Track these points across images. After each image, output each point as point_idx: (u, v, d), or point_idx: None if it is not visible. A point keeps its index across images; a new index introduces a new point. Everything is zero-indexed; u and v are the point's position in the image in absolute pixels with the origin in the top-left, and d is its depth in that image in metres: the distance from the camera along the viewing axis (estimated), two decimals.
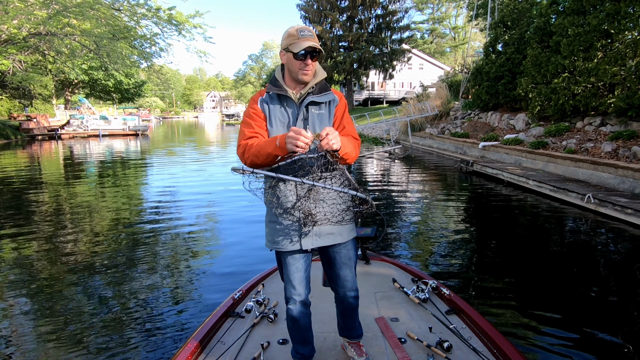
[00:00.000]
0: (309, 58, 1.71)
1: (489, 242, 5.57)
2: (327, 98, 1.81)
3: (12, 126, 26.30)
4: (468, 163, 11.34)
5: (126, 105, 47.14)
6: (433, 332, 2.28)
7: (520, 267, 4.60)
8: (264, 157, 1.64)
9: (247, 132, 1.76)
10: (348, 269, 1.94)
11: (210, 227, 6.38)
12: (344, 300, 1.98)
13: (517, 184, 8.99)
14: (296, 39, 1.69)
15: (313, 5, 34.69)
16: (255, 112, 1.79)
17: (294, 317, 1.91)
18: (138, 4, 19.90)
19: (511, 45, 15.08)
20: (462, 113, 18.44)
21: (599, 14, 10.50)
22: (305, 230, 1.78)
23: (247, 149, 1.69)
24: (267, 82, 1.92)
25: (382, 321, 2.38)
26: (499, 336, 2.12)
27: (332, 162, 1.63)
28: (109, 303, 3.76)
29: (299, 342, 1.97)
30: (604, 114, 10.66)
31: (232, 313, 2.53)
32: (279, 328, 2.36)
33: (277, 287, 2.85)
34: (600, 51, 10.49)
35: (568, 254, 5.07)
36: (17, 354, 2.96)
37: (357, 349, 2.04)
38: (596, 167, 8.31)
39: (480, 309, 3.33)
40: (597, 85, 10.55)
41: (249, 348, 2.16)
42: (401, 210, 7.27)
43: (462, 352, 2.08)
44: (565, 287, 3.99)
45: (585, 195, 6.83)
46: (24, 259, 4.90)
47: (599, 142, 9.53)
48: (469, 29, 56.01)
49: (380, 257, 3.42)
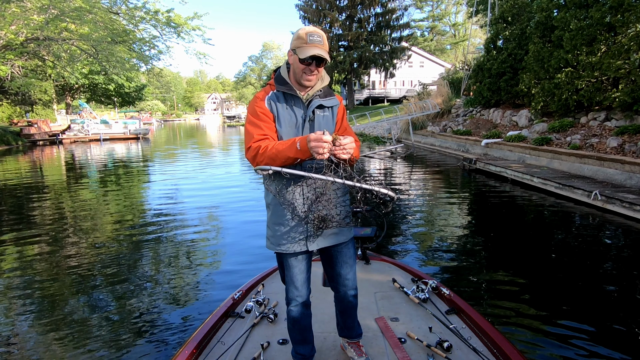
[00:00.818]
0: (315, 65, 1.70)
1: (490, 241, 5.48)
2: (332, 103, 1.84)
3: (13, 132, 26.31)
4: (471, 161, 11.19)
5: (127, 109, 47.17)
6: (433, 332, 2.27)
7: (522, 266, 4.52)
8: (282, 160, 1.58)
9: (256, 134, 1.69)
10: (349, 268, 1.94)
11: (209, 227, 6.38)
12: (344, 299, 1.98)
13: (522, 182, 8.84)
14: (304, 43, 1.66)
15: (312, 4, 34.55)
16: (262, 111, 1.73)
17: (295, 318, 1.91)
18: (136, 7, 19.84)
19: (512, 41, 14.91)
20: (464, 110, 18.28)
21: (602, 6, 10.32)
22: (312, 229, 1.74)
23: (261, 152, 1.62)
24: (268, 82, 1.87)
25: (382, 321, 2.38)
26: (499, 336, 2.11)
27: (342, 164, 1.62)
28: (110, 303, 3.76)
29: (299, 343, 1.96)
30: (609, 108, 10.49)
31: (232, 313, 2.52)
32: (279, 328, 2.35)
33: (277, 287, 2.85)
34: (603, 45, 10.31)
35: (574, 253, 4.93)
36: (19, 354, 2.97)
37: (356, 349, 2.03)
38: (602, 163, 8.14)
39: (480, 309, 3.32)
40: (601, 79, 10.38)
41: (249, 348, 2.15)
42: (402, 210, 7.18)
43: (462, 352, 2.07)
44: (570, 286, 3.92)
45: (592, 192, 6.67)
46: (27, 261, 4.90)
47: (604, 137, 9.36)
48: (469, 25, 55.81)
49: (380, 257, 3.40)
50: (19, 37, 15.07)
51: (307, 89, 1.78)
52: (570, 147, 9.53)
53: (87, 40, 17.35)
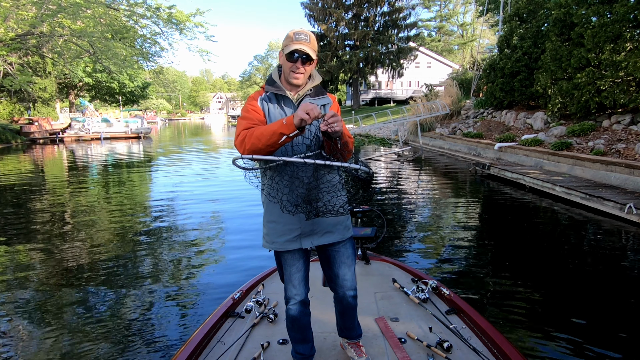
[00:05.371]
0: (300, 62, 1.73)
1: (497, 246, 5.35)
2: (324, 101, 1.85)
3: (12, 130, 25.87)
4: (484, 166, 10.48)
5: (131, 108, 46.85)
6: (433, 332, 2.26)
7: (528, 271, 4.43)
8: (267, 136, 1.57)
9: (246, 123, 1.72)
10: (347, 268, 1.92)
11: (209, 227, 6.38)
12: (343, 300, 1.96)
13: (541, 190, 8.12)
14: (291, 41, 1.72)
15: (317, 3, 33.94)
16: (254, 109, 1.78)
17: (294, 317, 1.91)
18: (136, 3, 19.34)
19: (527, 39, 14.16)
20: (474, 112, 17.54)
21: (627, 1, 9.59)
22: (305, 227, 1.79)
23: (249, 134, 1.63)
24: (261, 85, 1.92)
25: (382, 321, 2.38)
26: (499, 336, 2.10)
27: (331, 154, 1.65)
28: (109, 303, 3.77)
29: (298, 342, 1.96)
30: (634, 111, 9.74)
31: (232, 313, 2.52)
32: (279, 328, 2.34)
33: (277, 287, 2.83)
34: (629, 42, 9.57)
35: (595, 263, 4.56)
36: (19, 354, 2.97)
37: (356, 349, 2.02)
38: (632, 171, 7.41)
39: (480, 309, 3.28)
40: (626, 80, 9.64)
41: (249, 348, 2.15)
42: (408, 213, 7.09)
43: (462, 352, 2.06)
44: (583, 295, 3.84)
45: (626, 204, 5.96)
46: (26, 262, 4.89)
47: (631, 142, 8.63)
48: (477, 25, 54.89)
49: (380, 257, 3.39)
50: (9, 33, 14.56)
51: (297, 89, 1.81)
52: (594, 153, 8.80)
53: (82, 36, 16.81)
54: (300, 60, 1.72)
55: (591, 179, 8.19)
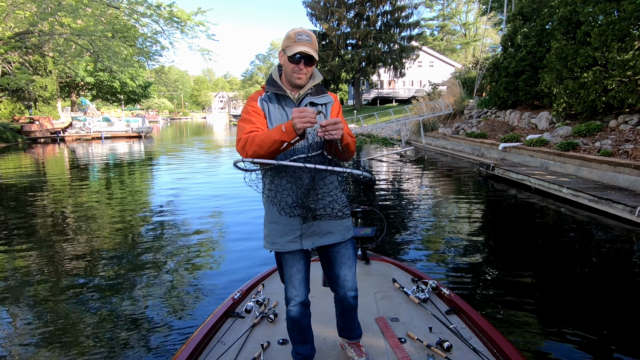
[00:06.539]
0: (303, 63, 1.72)
1: (499, 247, 5.31)
2: (325, 100, 1.84)
3: (13, 129, 25.81)
4: (488, 167, 10.30)
5: (133, 107, 46.81)
6: (433, 332, 2.25)
7: (531, 272, 4.36)
8: (269, 144, 1.57)
9: (247, 127, 1.70)
10: (347, 269, 1.92)
11: (210, 227, 6.36)
12: (344, 300, 1.95)
13: (547, 192, 7.94)
14: (293, 42, 1.71)
15: (319, 2, 33.77)
16: (254, 110, 1.77)
17: (295, 318, 1.91)
18: (137, 1, 19.21)
19: (531, 37, 13.96)
20: (478, 111, 17.35)
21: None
22: (306, 227, 1.78)
23: (250, 140, 1.63)
24: (262, 85, 1.91)
25: (382, 321, 2.37)
26: (499, 336, 2.10)
27: (332, 155, 1.64)
28: (109, 303, 3.75)
29: (299, 343, 1.96)
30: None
31: (232, 313, 2.52)
32: (279, 328, 2.34)
33: (277, 287, 2.83)
34: (637, 41, 9.38)
35: (599, 265, 4.52)
36: (19, 354, 2.96)
37: (356, 349, 2.02)
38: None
39: (480, 309, 3.28)
40: (633, 79, 9.44)
41: (249, 348, 2.15)
42: (409, 213, 6.93)
43: (462, 352, 2.06)
44: (587, 296, 3.81)
45: (636, 207, 5.78)
46: (25, 262, 4.86)
47: (639, 142, 8.44)
48: (480, 25, 54.59)
49: (380, 257, 3.38)
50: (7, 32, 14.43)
51: (298, 89, 1.80)
52: (601, 154, 8.61)
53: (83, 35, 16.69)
54: (303, 61, 1.71)
55: (599, 181, 8.01)
